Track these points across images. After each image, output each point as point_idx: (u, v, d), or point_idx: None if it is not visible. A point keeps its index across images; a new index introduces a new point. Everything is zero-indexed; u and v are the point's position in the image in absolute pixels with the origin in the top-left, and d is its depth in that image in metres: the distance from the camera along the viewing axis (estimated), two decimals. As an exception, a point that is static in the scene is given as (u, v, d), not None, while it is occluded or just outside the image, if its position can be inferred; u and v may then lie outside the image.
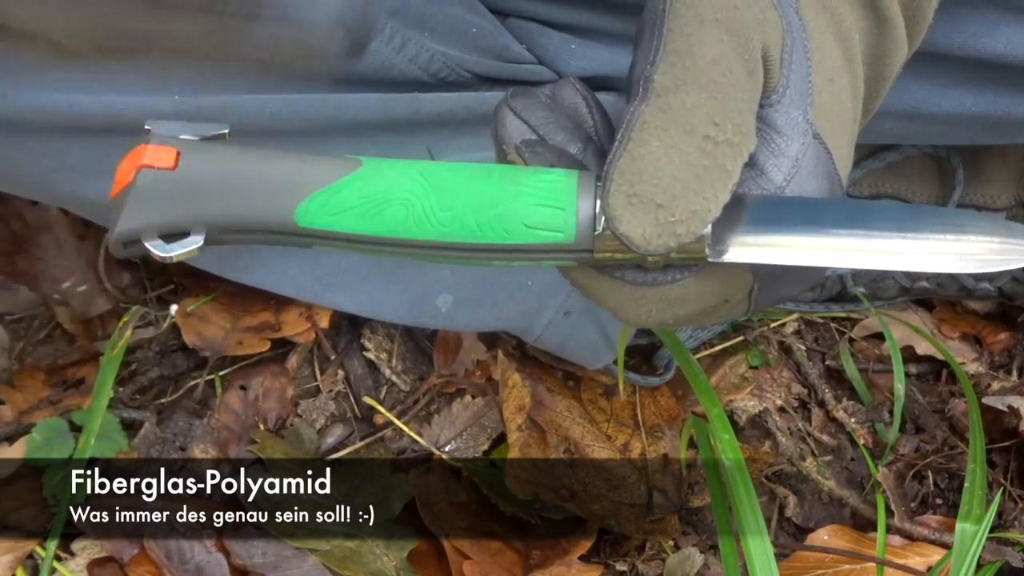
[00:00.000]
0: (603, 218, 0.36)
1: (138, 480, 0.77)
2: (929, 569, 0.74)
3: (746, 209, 0.37)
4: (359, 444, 0.80)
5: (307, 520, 0.72)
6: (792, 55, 0.39)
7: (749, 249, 0.37)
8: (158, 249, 0.37)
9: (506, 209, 0.36)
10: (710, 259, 0.37)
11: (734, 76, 0.37)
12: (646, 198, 0.35)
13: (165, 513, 0.74)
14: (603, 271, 0.39)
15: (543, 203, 0.36)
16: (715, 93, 0.36)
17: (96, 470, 0.76)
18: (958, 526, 0.66)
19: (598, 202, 0.36)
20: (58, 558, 0.72)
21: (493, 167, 0.38)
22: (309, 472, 0.76)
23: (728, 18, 0.37)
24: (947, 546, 0.76)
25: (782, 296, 0.42)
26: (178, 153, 0.37)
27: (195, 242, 0.37)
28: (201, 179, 0.38)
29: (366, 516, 0.74)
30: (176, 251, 0.37)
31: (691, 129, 0.35)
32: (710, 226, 0.36)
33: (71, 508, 0.72)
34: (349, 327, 0.85)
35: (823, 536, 0.77)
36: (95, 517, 0.73)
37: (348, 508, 0.75)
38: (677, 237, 0.35)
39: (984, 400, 0.83)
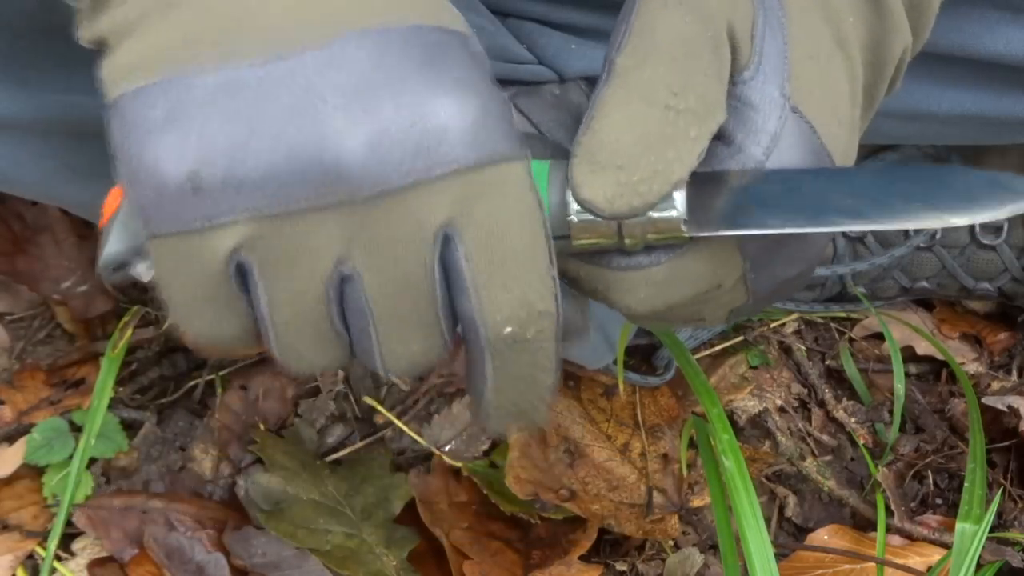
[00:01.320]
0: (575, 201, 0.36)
1: (138, 480, 0.77)
2: (929, 569, 0.74)
3: (723, 185, 0.37)
4: (359, 444, 0.80)
5: (307, 520, 0.72)
6: (765, 32, 0.39)
7: (727, 223, 0.37)
8: (144, 274, 0.37)
9: None
10: (687, 234, 0.37)
11: (696, 52, 0.37)
12: (607, 163, 0.35)
13: (165, 513, 0.74)
14: (588, 260, 0.39)
15: None
16: (674, 68, 0.36)
17: (96, 470, 0.76)
18: (958, 526, 0.66)
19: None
20: (58, 558, 0.72)
21: None
22: (309, 472, 0.76)
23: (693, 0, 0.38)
24: (947, 546, 0.76)
25: (779, 279, 0.41)
26: None
27: None
28: None
29: (366, 516, 0.74)
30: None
31: (651, 100, 0.36)
32: (683, 201, 0.36)
33: (71, 508, 0.72)
34: (349, 327, 0.85)
35: (823, 536, 0.77)
36: (95, 517, 0.73)
37: (348, 508, 0.75)
38: (640, 196, 0.35)
39: (984, 400, 0.83)
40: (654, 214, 0.36)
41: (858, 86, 0.43)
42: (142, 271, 0.37)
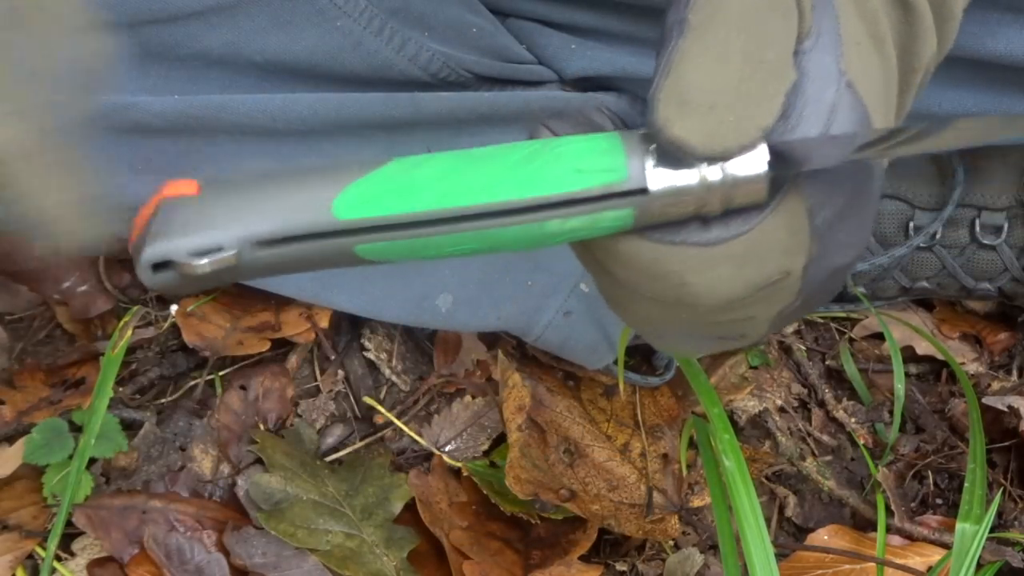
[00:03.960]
0: (653, 149, 0.36)
1: (138, 480, 0.77)
2: (929, 569, 0.75)
3: (790, 149, 0.37)
4: (359, 444, 0.80)
5: (307, 520, 0.72)
6: (819, 6, 0.39)
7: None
8: (188, 259, 0.36)
9: (551, 157, 0.36)
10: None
11: (766, 17, 0.37)
12: (697, 103, 0.35)
13: (165, 513, 0.74)
14: (665, 240, 0.38)
15: (589, 148, 0.36)
16: (750, 30, 0.37)
17: (96, 470, 0.76)
18: (958, 526, 0.66)
19: (646, 144, 0.36)
20: (58, 558, 0.72)
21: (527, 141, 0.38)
22: (309, 472, 0.76)
23: None
24: (947, 546, 0.76)
25: (831, 269, 0.41)
26: (199, 182, 0.37)
27: (229, 252, 0.37)
28: (230, 193, 0.37)
29: (366, 516, 0.74)
30: (207, 260, 0.36)
31: (727, 58, 0.36)
32: (767, 155, 0.36)
33: (71, 508, 0.72)
34: (349, 327, 0.85)
35: (823, 536, 0.77)
36: (95, 517, 0.73)
37: (348, 508, 0.75)
38: (735, 136, 0.35)
39: (984, 400, 0.83)
40: (738, 173, 0.36)
41: (893, 88, 0.43)
42: (202, 264, 0.36)
